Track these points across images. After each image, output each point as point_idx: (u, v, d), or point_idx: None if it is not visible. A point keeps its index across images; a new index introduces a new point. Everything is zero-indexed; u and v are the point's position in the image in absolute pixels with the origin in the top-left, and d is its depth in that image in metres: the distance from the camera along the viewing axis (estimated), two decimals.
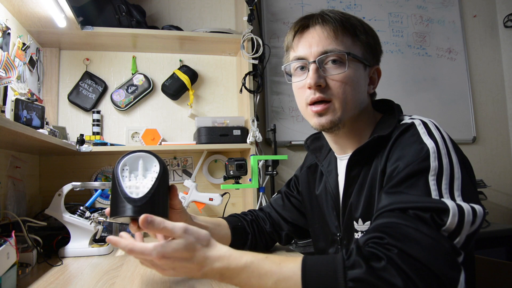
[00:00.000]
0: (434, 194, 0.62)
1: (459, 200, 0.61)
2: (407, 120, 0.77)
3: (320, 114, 0.79)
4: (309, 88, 0.78)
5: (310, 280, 0.55)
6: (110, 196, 0.70)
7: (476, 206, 0.61)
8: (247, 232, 1.00)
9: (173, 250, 0.58)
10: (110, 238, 0.61)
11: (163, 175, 0.71)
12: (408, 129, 0.73)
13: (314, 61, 0.77)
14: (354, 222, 0.80)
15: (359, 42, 0.80)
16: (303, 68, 0.81)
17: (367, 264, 0.54)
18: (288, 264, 0.58)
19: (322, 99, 0.78)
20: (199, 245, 0.59)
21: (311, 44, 0.79)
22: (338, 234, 0.86)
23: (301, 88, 0.81)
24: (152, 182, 0.69)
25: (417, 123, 0.73)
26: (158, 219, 0.59)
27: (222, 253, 0.60)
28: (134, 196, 0.67)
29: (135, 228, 0.67)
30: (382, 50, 0.87)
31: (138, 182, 0.69)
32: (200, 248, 0.59)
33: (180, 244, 0.58)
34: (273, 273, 0.57)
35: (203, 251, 0.59)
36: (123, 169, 0.71)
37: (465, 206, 0.60)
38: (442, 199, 0.61)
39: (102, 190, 1.40)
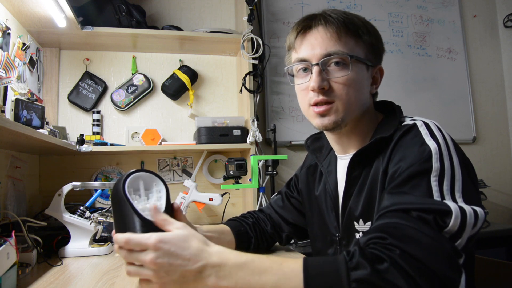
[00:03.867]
0: (436, 195, 0.62)
1: (461, 202, 0.62)
2: (408, 121, 0.77)
3: (322, 115, 0.79)
4: (313, 90, 0.78)
5: (313, 280, 0.55)
6: (118, 217, 0.64)
7: (478, 208, 0.61)
8: (250, 236, 1.00)
9: (172, 236, 0.58)
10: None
11: (167, 195, 0.70)
12: (410, 130, 0.73)
13: (317, 64, 0.77)
14: (355, 223, 0.80)
15: (362, 43, 0.79)
16: (306, 69, 0.80)
17: (371, 265, 0.53)
18: (289, 264, 0.57)
19: (325, 101, 0.78)
20: (196, 239, 0.59)
21: (314, 45, 0.78)
22: (337, 235, 0.86)
23: (304, 90, 0.81)
24: (161, 203, 0.67)
25: (419, 124, 0.73)
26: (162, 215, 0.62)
27: (221, 249, 0.59)
28: (150, 218, 0.63)
29: None
30: (385, 49, 0.86)
31: (147, 204, 0.66)
32: (198, 241, 0.59)
33: (179, 232, 0.59)
34: (274, 272, 0.56)
35: (201, 243, 0.59)
36: (130, 191, 0.66)
37: (467, 208, 0.60)
38: (445, 201, 0.61)
39: (102, 190, 1.40)
